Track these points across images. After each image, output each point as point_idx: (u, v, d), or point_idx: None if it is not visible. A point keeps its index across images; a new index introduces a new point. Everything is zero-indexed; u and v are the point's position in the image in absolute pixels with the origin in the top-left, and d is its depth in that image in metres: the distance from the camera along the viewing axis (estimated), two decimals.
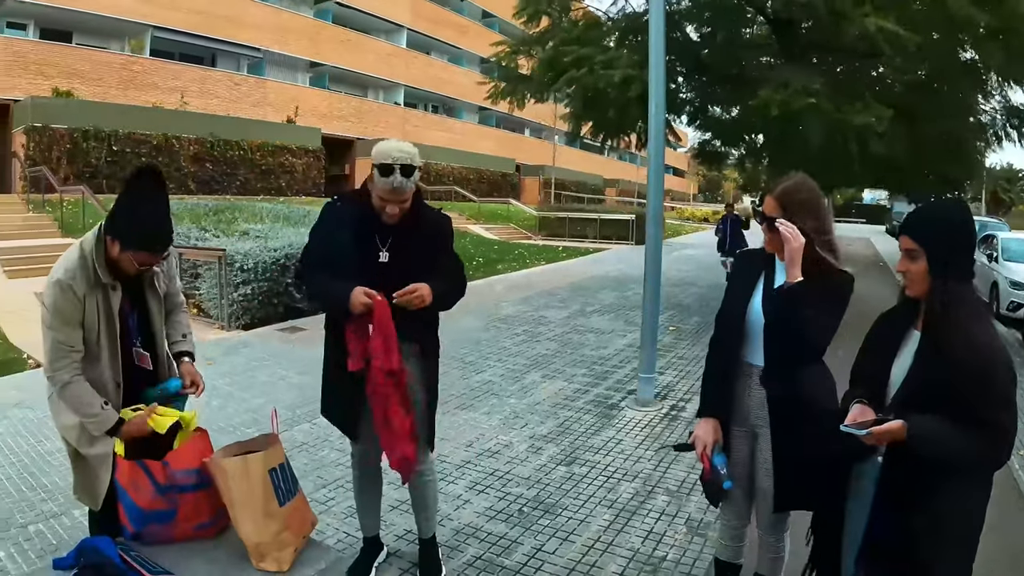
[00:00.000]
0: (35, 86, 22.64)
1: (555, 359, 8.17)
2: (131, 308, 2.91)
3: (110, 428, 2.70)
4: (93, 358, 2.77)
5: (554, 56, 10.63)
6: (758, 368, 2.74)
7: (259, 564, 2.51)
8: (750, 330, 2.75)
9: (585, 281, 15.40)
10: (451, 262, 3.25)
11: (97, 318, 2.73)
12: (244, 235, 11.87)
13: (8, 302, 10.58)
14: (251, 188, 25.86)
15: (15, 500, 4.55)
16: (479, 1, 45.09)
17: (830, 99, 8.49)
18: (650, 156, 6.67)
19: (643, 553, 3.80)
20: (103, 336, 2.76)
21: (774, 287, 2.65)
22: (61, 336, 2.67)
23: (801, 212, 2.57)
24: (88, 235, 2.78)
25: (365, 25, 37.24)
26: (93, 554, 2.41)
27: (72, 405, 2.72)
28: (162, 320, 3.05)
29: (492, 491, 4.58)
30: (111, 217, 2.70)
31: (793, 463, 2.66)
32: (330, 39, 34.65)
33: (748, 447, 2.83)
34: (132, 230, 2.67)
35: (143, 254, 2.71)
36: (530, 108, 14.99)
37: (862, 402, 2.31)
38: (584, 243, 25.93)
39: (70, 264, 2.69)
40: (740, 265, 2.98)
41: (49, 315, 2.67)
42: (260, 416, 5.91)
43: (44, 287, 2.73)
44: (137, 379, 2.91)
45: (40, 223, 16.68)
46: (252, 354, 8.34)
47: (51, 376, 2.71)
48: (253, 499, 2.53)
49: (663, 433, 5.69)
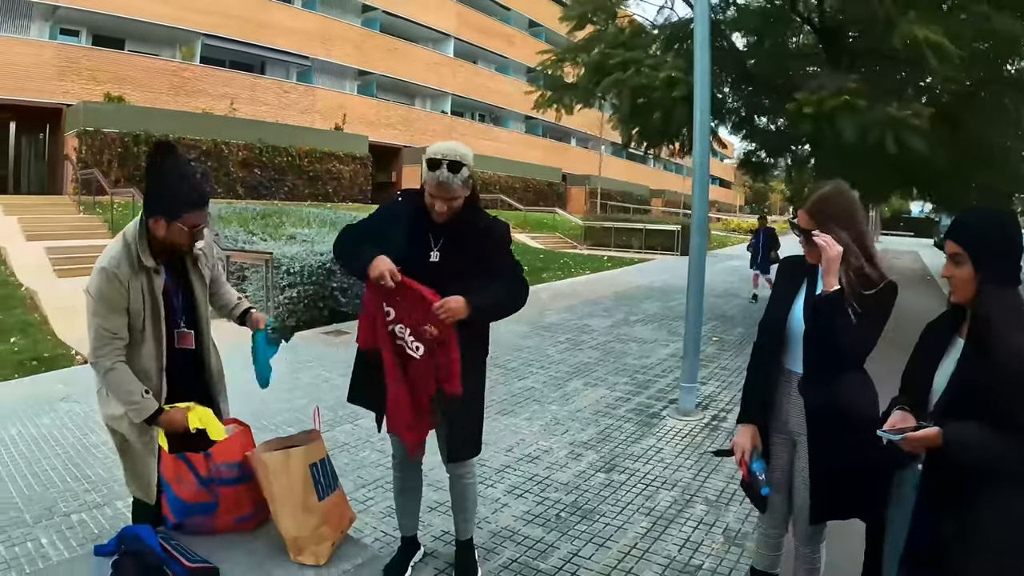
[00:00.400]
0: (87, 91, 23.13)
1: (597, 367, 8.17)
2: (175, 289, 2.97)
3: (149, 416, 2.76)
4: (137, 344, 2.83)
5: (600, 60, 10.64)
6: (798, 375, 2.73)
7: (297, 557, 2.55)
8: (791, 337, 2.74)
9: (629, 291, 15.38)
10: (508, 268, 3.24)
11: (142, 303, 2.80)
12: (291, 239, 12.02)
13: (58, 299, 10.85)
14: (299, 194, 26.14)
15: (60, 490, 4.69)
16: (526, 10, 45.14)
17: (865, 96, 8.38)
18: (695, 164, 6.66)
19: (679, 561, 3.78)
20: (148, 320, 2.83)
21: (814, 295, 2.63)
22: (105, 323, 2.74)
23: (835, 222, 2.56)
24: (129, 226, 2.86)
25: (412, 34, 37.51)
26: (134, 541, 2.46)
27: (114, 391, 2.80)
28: (207, 303, 3.11)
29: (531, 495, 4.60)
30: (149, 200, 2.79)
31: (829, 473, 2.63)
32: (378, 47, 34.95)
33: (787, 454, 2.82)
34: (173, 199, 2.76)
35: (193, 215, 2.79)
36: (577, 117, 14.99)
37: (904, 408, 2.30)
38: (629, 253, 25.87)
39: (114, 252, 2.77)
40: (784, 272, 2.96)
41: (94, 302, 2.75)
42: (303, 416, 6.00)
43: (89, 277, 2.81)
44: (180, 364, 2.97)
45: (90, 224, 17.10)
46: (296, 356, 8.45)
47: (94, 363, 2.78)
48: (293, 493, 2.57)
49: (703, 443, 5.66)
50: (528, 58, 44.20)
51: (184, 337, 2.99)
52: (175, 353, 2.94)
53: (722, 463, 5.18)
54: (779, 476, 2.83)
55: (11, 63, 21.98)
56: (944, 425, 2.04)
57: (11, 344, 9.00)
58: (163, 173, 2.80)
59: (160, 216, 2.76)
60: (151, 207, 2.77)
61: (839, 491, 2.60)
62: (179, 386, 2.92)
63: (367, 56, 34.33)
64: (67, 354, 8.75)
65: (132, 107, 23.22)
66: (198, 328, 3.06)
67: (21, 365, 8.24)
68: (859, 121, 8.29)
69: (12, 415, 6.30)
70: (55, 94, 22.98)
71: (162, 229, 2.78)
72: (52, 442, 5.61)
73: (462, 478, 3.42)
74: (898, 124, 8.30)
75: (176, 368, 2.94)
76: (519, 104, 42.20)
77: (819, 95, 8.36)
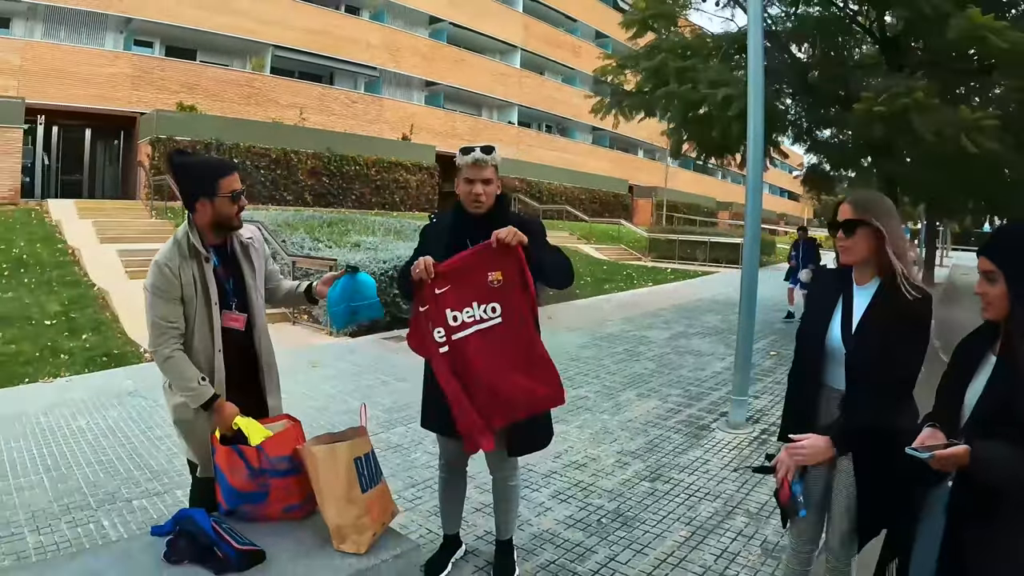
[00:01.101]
0: (160, 100, 23.85)
1: (652, 378, 8.23)
2: (226, 276, 3.15)
3: (205, 402, 2.93)
4: (192, 329, 3.02)
5: (660, 66, 10.68)
6: (838, 392, 2.72)
7: (339, 546, 2.69)
8: (830, 354, 2.73)
9: (690, 303, 15.35)
10: (550, 254, 3.25)
11: (194, 288, 2.99)
12: (355, 247, 12.28)
13: (128, 300, 11.21)
14: (366, 202, 26.55)
15: (123, 478, 5.01)
16: (592, 21, 45.11)
17: (935, 95, 8.26)
18: (748, 177, 6.68)
19: (714, 571, 3.83)
20: (200, 305, 3.01)
21: (851, 313, 2.67)
22: (161, 312, 2.95)
23: (874, 213, 2.59)
24: (178, 228, 3.08)
25: (479, 45, 37.82)
26: (188, 523, 2.62)
27: (172, 378, 2.98)
28: (258, 291, 3.27)
29: (574, 501, 4.70)
30: (186, 190, 3.03)
31: (874, 490, 2.64)
32: (445, 59, 35.32)
33: (825, 470, 2.79)
34: (203, 176, 3.00)
35: (226, 180, 2.99)
36: (643, 129, 14.98)
37: (933, 426, 2.29)
38: (693, 266, 25.69)
39: (165, 248, 3.01)
40: (817, 284, 2.98)
41: (150, 295, 2.97)
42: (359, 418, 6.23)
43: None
44: (233, 348, 3.12)
45: (162, 228, 17.56)
46: (357, 360, 8.71)
47: (154, 351, 2.97)
48: (337, 484, 2.72)
49: (751, 456, 5.69)
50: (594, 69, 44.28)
51: (235, 319, 3.14)
52: (228, 336, 3.11)
53: (767, 477, 5.18)
54: (816, 493, 2.82)
55: (89, 73, 22.88)
56: (974, 443, 2.03)
57: (83, 341, 9.47)
58: (185, 165, 3.06)
59: (201, 197, 2.97)
60: (191, 195, 3.00)
61: (883, 509, 2.60)
62: (231, 370, 3.10)
63: (434, 67, 34.75)
64: (136, 351, 9.18)
65: (204, 116, 23.90)
66: (249, 313, 3.20)
67: (92, 361, 8.68)
68: (933, 119, 8.16)
69: (82, 407, 6.72)
70: (129, 103, 23.77)
71: (208, 210, 2.99)
72: (118, 433, 5.98)
73: (506, 480, 3.52)
74: (970, 126, 8.16)
75: (228, 352, 3.10)
76: (586, 115, 42.01)
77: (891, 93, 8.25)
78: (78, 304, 11.22)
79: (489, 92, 37.83)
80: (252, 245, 3.27)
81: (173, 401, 3.08)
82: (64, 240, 15.22)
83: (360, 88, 32.40)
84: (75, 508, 4.51)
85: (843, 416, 2.66)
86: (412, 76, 33.99)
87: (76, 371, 8.31)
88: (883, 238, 2.56)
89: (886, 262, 2.57)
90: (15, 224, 15.96)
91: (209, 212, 3.00)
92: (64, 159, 24.33)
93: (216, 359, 3.06)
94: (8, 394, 7.35)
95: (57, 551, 3.90)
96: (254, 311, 3.22)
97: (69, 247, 14.66)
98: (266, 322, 3.33)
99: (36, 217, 17.12)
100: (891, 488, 2.54)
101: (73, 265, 13.54)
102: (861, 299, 2.66)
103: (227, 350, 3.10)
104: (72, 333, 9.83)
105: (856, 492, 2.68)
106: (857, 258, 2.66)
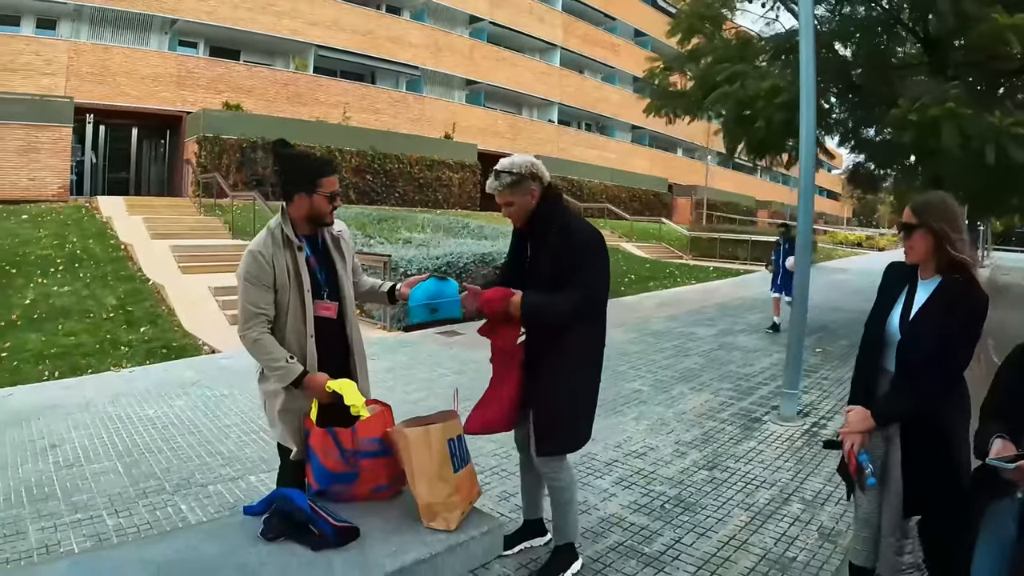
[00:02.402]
0: (205, 99, 24.37)
1: (702, 373, 8.41)
2: (318, 266, 3.26)
3: (294, 380, 3.04)
4: (285, 316, 3.14)
5: (707, 73, 10.79)
6: (892, 375, 2.95)
7: (429, 523, 2.89)
8: (888, 340, 2.96)
9: (733, 301, 15.49)
10: (573, 278, 3.29)
11: (287, 277, 3.11)
12: (407, 243, 12.53)
13: (184, 294, 11.64)
14: (409, 200, 26.88)
15: (196, 464, 5.26)
16: (631, 20, 45.18)
17: (968, 104, 8.32)
18: (801, 176, 6.81)
19: (775, 553, 4.02)
20: (293, 292, 3.13)
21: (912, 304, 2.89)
22: (253, 298, 3.06)
23: (933, 215, 2.80)
24: (271, 220, 3.25)
25: (519, 44, 38.04)
26: (284, 502, 2.79)
27: (260, 358, 3.10)
28: (348, 280, 3.40)
29: (637, 488, 4.91)
30: (288, 183, 3.18)
31: (919, 470, 2.84)
32: (485, 57, 35.63)
33: (882, 450, 3.00)
34: (308, 173, 3.16)
35: (328, 180, 3.15)
36: (683, 128, 15.04)
37: (1003, 437, 2.42)
38: (735, 264, 25.66)
39: (259, 238, 3.15)
40: (890, 275, 3.15)
41: (242, 282, 3.08)
42: (418, 408, 6.38)
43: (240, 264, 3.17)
44: (325, 335, 3.24)
45: (211, 224, 18.01)
46: (412, 353, 8.98)
47: (243, 335, 3.07)
48: (431, 464, 2.93)
49: (803, 447, 5.87)
50: (634, 67, 44.03)
51: (327, 307, 3.25)
52: (320, 324, 3.22)
53: (820, 466, 5.39)
54: (876, 470, 2.98)
55: (136, 73, 23.53)
56: None
57: (141, 333, 9.86)
58: (291, 158, 3.23)
59: (300, 192, 3.13)
60: (291, 188, 3.16)
61: (928, 486, 2.81)
62: (323, 355, 3.21)
63: (475, 66, 35.07)
64: (194, 344, 9.51)
65: (249, 115, 24.35)
66: (341, 303, 3.32)
67: (152, 353, 9.04)
68: (962, 129, 8.25)
69: (148, 397, 7.06)
70: (174, 102, 24.31)
71: (305, 204, 3.14)
72: (187, 422, 6.27)
73: (547, 476, 3.58)
74: (1000, 133, 8.22)
75: (321, 338, 3.21)
76: (625, 113, 42.26)
77: (922, 102, 8.35)
78: (134, 298, 11.58)
79: (529, 91, 38.05)
80: (342, 237, 3.41)
81: (268, 387, 3.19)
82: (116, 236, 15.58)
83: (402, 87, 32.76)
84: (151, 492, 4.74)
85: (887, 394, 2.92)
86: (453, 75, 34.32)
87: (137, 362, 8.64)
88: (941, 239, 2.77)
89: (945, 261, 2.78)
90: (67, 221, 16.34)
91: (306, 207, 3.14)
92: (111, 157, 24.97)
93: (308, 345, 3.16)
94: (73, 383, 7.70)
95: (138, 533, 4.10)
96: (345, 301, 3.34)
97: (121, 243, 15.04)
98: (356, 312, 3.49)
99: (87, 214, 17.50)
100: (934, 466, 2.77)
101: (126, 260, 13.91)
102: (922, 293, 2.88)
103: (319, 338, 3.20)
104: (130, 326, 10.21)
105: (902, 469, 2.92)
106: (917, 257, 2.89)
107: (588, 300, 3.34)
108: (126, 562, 2.57)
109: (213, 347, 9.29)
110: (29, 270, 12.32)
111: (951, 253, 2.74)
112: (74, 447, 5.57)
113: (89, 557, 2.71)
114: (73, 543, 3.97)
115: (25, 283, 11.65)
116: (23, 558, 3.77)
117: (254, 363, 3.18)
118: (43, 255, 13.26)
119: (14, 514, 4.33)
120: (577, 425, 3.51)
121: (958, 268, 2.76)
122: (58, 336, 9.47)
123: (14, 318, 10.03)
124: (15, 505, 4.47)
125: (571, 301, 3.26)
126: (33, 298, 10.97)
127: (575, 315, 3.31)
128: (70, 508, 4.45)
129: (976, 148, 8.23)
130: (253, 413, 6.44)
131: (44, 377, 8.01)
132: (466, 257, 11.30)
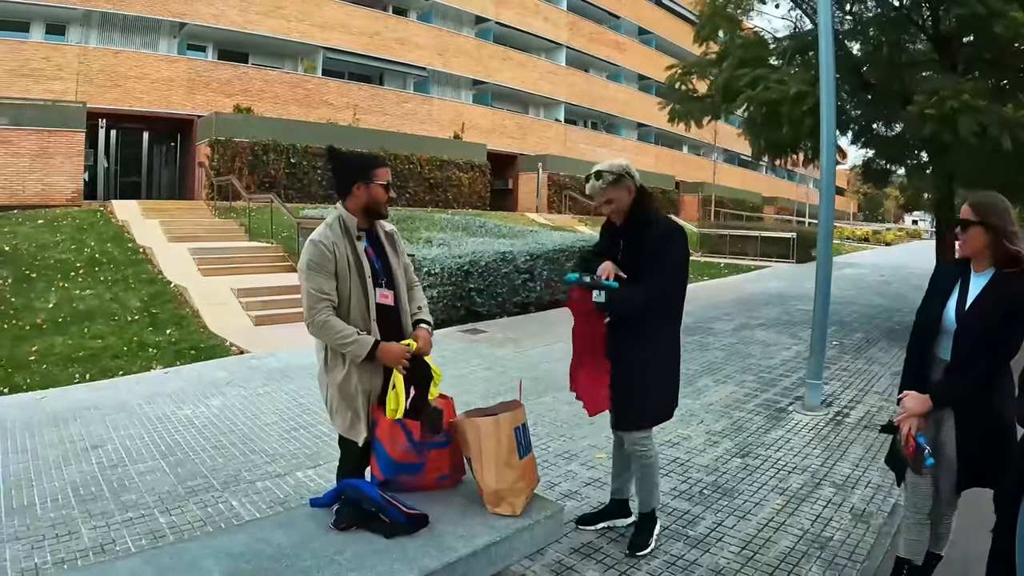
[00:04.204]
0: (215, 103, 24.47)
1: (724, 366, 8.56)
2: (375, 256, 3.41)
3: (368, 352, 3.14)
4: (347, 302, 3.25)
5: (729, 80, 10.87)
6: (945, 362, 3.14)
7: (495, 509, 3.06)
8: (944, 329, 3.15)
9: (747, 297, 15.62)
10: (650, 272, 3.58)
11: (348, 265, 3.24)
12: (427, 243, 12.58)
13: (206, 296, 11.66)
14: (419, 200, 26.92)
15: (240, 462, 5.31)
16: (635, 18, 45.28)
17: (982, 96, 8.44)
18: (822, 174, 6.98)
19: (812, 533, 4.19)
20: (353, 279, 3.25)
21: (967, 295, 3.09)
22: (316, 285, 3.17)
23: (987, 214, 3.01)
24: (329, 215, 3.41)
25: (525, 44, 38.11)
26: (352, 491, 2.94)
27: (330, 339, 3.18)
28: (401, 271, 3.52)
29: (675, 475, 5.06)
30: (344, 177, 3.37)
31: (971, 443, 3.04)
32: (492, 58, 35.71)
33: (932, 432, 3.18)
34: (362, 166, 3.37)
35: (381, 171, 3.36)
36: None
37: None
38: (744, 260, 25.72)
39: (320, 229, 3.30)
40: (941, 272, 3.34)
41: (306, 270, 3.20)
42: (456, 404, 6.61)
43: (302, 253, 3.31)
44: (383, 320, 3.34)
45: (227, 227, 17.93)
46: (438, 351, 8.98)
47: (310, 321, 3.17)
48: (499, 452, 3.09)
49: (829, 434, 6.04)
50: (639, 65, 44.22)
51: (385, 295, 3.38)
52: (379, 311, 3.33)
53: (847, 452, 5.57)
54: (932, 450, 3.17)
55: (146, 77, 23.69)
56: None
57: (167, 335, 9.91)
58: (344, 157, 3.46)
59: (359, 182, 3.30)
60: (348, 181, 3.33)
61: (979, 461, 3.02)
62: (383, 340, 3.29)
63: (482, 66, 35.16)
64: (222, 344, 9.56)
65: (260, 118, 24.39)
66: (396, 292, 3.45)
67: (181, 354, 9.08)
68: (978, 119, 8.36)
69: (183, 397, 7.09)
70: (184, 106, 24.43)
71: (364, 194, 3.32)
72: (226, 421, 6.32)
73: (633, 449, 3.85)
74: (1014, 124, 8.36)
75: (380, 325, 3.32)
76: (631, 111, 42.32)
77: (939, 95, 8.48)
78: (157, 300, 11.62)
79: (535, 90, 38.13)
80: (395, 235, 3.59)
81: (334, 379, 3.26)
82: (133, 239, 15.54)
83: (410, 88, 32.84)
84: (200, 490, 4.76)
85: (943, 379, 3.11)
86: (460, 75, 34.42)
87: (167, 363, 8.68)
88: (995, 234, 2.97)
89: (1000, 255, 2.99)
90: (82, 225, 16.31)
91: (364, 196, 3.31)
92: (123, 161, 25.11)
93: (373, 329, 3.27)
94: (104, 385, 7.71)
95: (192, 530, 4.15)
96: (399, 291, 3.47)
97: (140, 246, 14.99)
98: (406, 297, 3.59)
99: (102, 218, 17.44)
100: (985, 443, 2.98)
101: (146, 263, 13.90)
102: (976, 285, 3.08)
103: (379, 324, 3.31)
104: (156, 328, 10.26)
105: (956, 446, 3.10)
106: (971, 251, 3.09)
107: (663, 288, 3.61)
108: (202, 554, 2.70)
109: (241, 348, 9.39)
110: (50, 274, 12.35)
111: (1007, 247, 2.95)
112: (116, 447, 5.57)
113: (165, 552, 2.80)
114: (128, 541, 4.00)
115: (47, 287, 11.69)
116: (79, 557, 3.81)
117: (303, 360, 3.32)
118: (62, 259, 13.28)
119: (64, 514, 4.36)
120: (647, 401, 3.80)
121: (1012, 261, 2.95)
122: (84, 339, 9.52)
123: (39, 321, 10.07)
124: (63, 506, 4.49)
125: (652, 289, 3.56)
126: (56, 301, 11.03)
127: (654, 303, 3.61)
128: (120, 507, 4.48)
129: (993, 137, 8.34)
130: (291, 411, 6.54)
131: (75, 380, 8.00)
132: (488, 256, 11.37)
